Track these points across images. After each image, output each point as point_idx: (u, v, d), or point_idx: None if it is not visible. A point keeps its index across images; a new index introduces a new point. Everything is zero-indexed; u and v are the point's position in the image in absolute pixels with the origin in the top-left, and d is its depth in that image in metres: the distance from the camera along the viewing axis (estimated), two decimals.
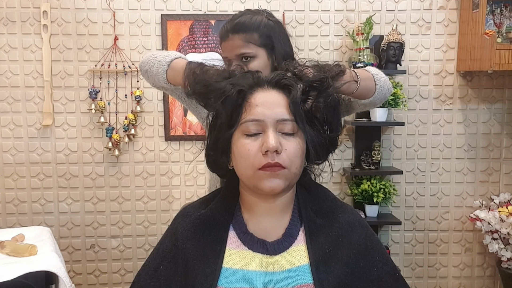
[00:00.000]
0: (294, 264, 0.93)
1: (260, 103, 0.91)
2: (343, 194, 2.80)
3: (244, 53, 1.40)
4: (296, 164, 0.91)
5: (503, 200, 2.68)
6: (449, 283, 2.86)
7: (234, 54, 1.41)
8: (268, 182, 0.90)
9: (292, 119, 0.91)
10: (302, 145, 0.93)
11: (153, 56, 1.35)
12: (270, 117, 0.90)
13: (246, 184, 0.95)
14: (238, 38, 1.40)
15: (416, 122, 2.77)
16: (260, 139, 0.90)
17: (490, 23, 2.62)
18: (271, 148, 0.87)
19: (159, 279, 0.97)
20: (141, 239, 2.77)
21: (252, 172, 0.90)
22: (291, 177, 0.92)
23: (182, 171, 2.75)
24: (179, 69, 1.23)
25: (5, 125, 2.65)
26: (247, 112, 0.91)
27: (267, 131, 0.89)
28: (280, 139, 0.90)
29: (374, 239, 0.99)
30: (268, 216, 0.97)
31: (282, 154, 0.89)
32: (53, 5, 2.60)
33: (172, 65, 1.29)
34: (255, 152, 0.89)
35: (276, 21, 1.47)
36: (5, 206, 2.69)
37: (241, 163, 0.92)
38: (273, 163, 0.88)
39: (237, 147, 0.92)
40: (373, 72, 1.30)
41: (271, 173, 0.89)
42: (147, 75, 1.37)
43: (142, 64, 1.39)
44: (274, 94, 0.93)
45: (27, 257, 1.79)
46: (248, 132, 0.91)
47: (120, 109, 2.67)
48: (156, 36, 2.66)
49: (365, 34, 2.56)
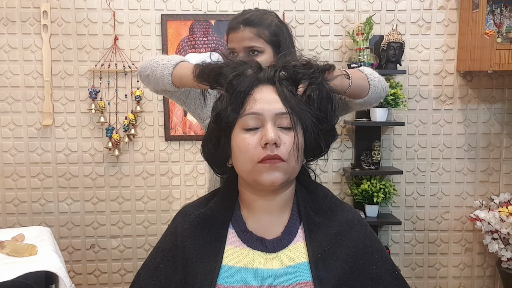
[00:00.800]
0: (293, 261, 0.93)
1: (259, 99, 0.93)
2: (343, 194, 2.80)
3: (254, 46, 1.44)
4: (295, 157, 0.92)
5: (503, 200, 2.68)
6: (449, 283, 2.86)
7: (243, 46, 1.44)
8: (268, 175, 0.90)
9: (290, 112, 0.92)
10: (301, 139, 0.94)
11: (155, 61, 1.36)
12: (268, 111, 0.91)
13: (245, 179, 0.96)
14: (250, 31, 1.44)
15: (416, 122, 2.77)
16: (259, 133, 0.91)
17: (490, 23, 2.62)
18: (270, 140, 0.88)
19: (159, 278, 0.97)
20: (141, 239, 2.78)
21: (251, 166, 0.91)
22: (290, 171, 0.93)
23: (182, 171, 2.75)
24: (186, 71, 1.25)
25: (5, 125, 2.65)
26: (247, 106, 0.93)
27: (266, 125, 0.91)
28: (279, 133, 0.91)
29: (373, 238, 0.99)
30: (267, 214, 0.97)
31: (281, 147, 0.90)
32: (53, 5, 2.61)
33: (179, 67, 1.30)
34: (254, 146, 0.91)
35: (284, 23, 1.53)
36: (5, 206, 2.69)
37: (240, 158, 0.93)
38: (273, 155, 0.89)
39: (236, 142, 0.93)
40: (366, 72, 1.31)
41: (270, 165, 0.90)
42: (148, 79, 1.38)
43: (143, 69, 1.40)
44: (272, 90, 0.94)
45: (27, 257, 1.79)
46: (247, 127, 0.92)
47: (120, 109, 2.67)
48: (156, 36, 2.66)
49: (365, 34, 2.56)
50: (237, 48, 1.45)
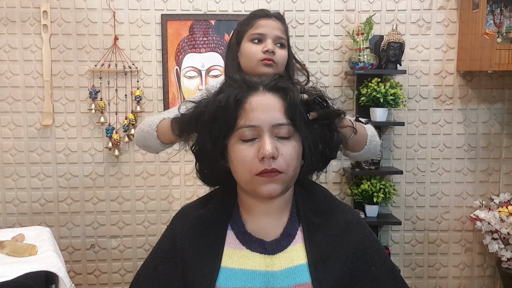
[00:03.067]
0: (293, 263, 0.93)
1: (256, 107, 0.90)
2: (343, 194, 2.80)
3: (282, 38, 1.53)
4: (293, 167, 0.91)
5: (503, 200, 2.68)
6: (449, 283, 2.86)
7: (275, 34, 1.51)
8: (266, 188, 0.90)
9: (288, 123, 0.90)
10: (298, 147, 0.92)
11: (141, 130, 1.42)
12: (265, 121, 0.89)
13: (243, 188, 0.95)
14: (281, 24, 1.54)
15: (416, 122, 2.77)
16: (256, 145, 0.90)
17: (490, 23, 2.62)
18: (268, 155, 0.87)
19: (158, 279, 0.97)
20: (141, 239, 2.78)
21: (249, 177, 0.90)
22: (288, 180, 0.92)
23: (182, 171, 2.75)
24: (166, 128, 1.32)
25: (5, 125, 2.65)
26: (242, 118, 0.90)
27: (263, 136, 0.89)
28: (276, 143, 0.89)
29: (373, 238, 0.99)
30: (266, 216, 0.97)
31: (279, 159, 0.89)
32: (53, 5, 2.61)
33: (159, 129, 1.36)
34: (251, 158, 0.89)
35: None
36: (5, 206, 2.69)
37: (238, 168, 0.92)
38: (270, 169, 0.88)
39: (234, 152, 0.91)
40: (369, 133, 1.38)
41: (268, 178, 0.89)
42: (148, 149, 1.46)
43: (138, 142, 1.46)
44: (269, 97, 0.92)
45: (27, 257, 1.79)
46: (244, 138, 0.90)
47: (120, 109, 2.67)
48: (156, 36, 2.66)
49: (365, 34, 2.56)
50: (269, 34, 1.50)
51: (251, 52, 1.50)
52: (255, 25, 1.52)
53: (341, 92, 2.72)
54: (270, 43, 1.49)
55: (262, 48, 1.48)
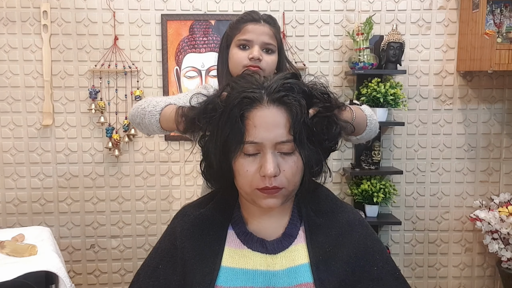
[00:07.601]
0: (294, 263, 0.93)
1: (259, 124, 0.87)
2: (343, 194, 2.80)
3: (270, 44, 1.48)
4: (294, 182, 0.91)
5: (503, 200, 2.68)
6: (449, 283, 2.86)
7: (262, 40, 1.47)
8: (266, 201, 0.90)
9: (291, 140, 0.88)
10: (300, 162, 0.91)
11: (142, 107, 1.38)
12: (268, 139, 0.87)
13: (244, 197, 0.95)
14: (270, 28, 1.49)
15: (416, 122, 2.77)
16: (258, 160, 0.89)
17: (490, 23, 2.62)
18: (269, 174, 0.86)
19: (158, 278, 0.97)
20: (141, 239, 2.77)
21: (250, 190, 0.90)
22: (289, 193, 0.92)
23: (182, 171, 2.75)
24: (170, 116, 1.28)
25: (5, 125, 2.65)
26: (246, 132, 0.88)
27: (266, 153, 0.88)
28: (278, 159, 0.88)
29: (375, 239, 0.99)
30: (267, 216, 0.97)
31: (280, 176, 0.88)
32: (53, 5, 2.60)
33: (163, 113, 1.33)
34: (253, 173, 0.89)
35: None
36: (5, 206, 2.69)
37: (240, 180, 0.91)
38: (271, 187, 0.88)
39: (236, 165, 0.91)
40: (367, 113, 1.36)
41: (269, 194, 0.89)
42: (140, 127, 1.41)
43: (133, 117, 1.42)
44: (273, 112, 0.88)
45: (27, 257, 1.79)
46: (246, 152, 0.89)
47: (120, 109, 2.67)
48: (156, 36, 2.66)
49: (365, 34, 2.56)
50: (255, 40, 1.47)
51: (237, 58, 1.48)
52: (243, 30, 1.49)
53: (341, 92, 2.72)
54: (256, 50, 1.46)
55: (248, 54, 1.46)
